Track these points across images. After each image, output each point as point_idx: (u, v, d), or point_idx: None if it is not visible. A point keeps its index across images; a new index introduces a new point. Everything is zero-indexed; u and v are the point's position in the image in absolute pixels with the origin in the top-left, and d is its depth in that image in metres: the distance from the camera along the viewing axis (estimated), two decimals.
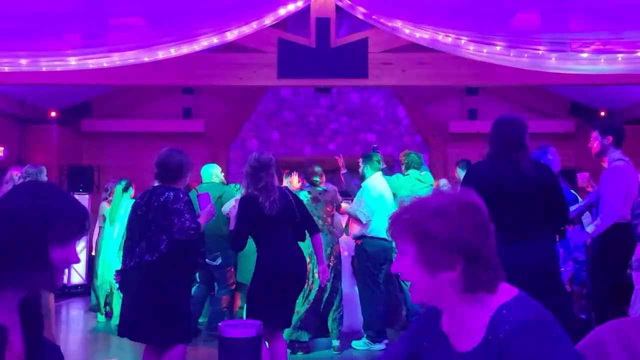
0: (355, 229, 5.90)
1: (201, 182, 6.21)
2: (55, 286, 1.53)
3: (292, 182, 6.07)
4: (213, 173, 6.22)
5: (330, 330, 5.63)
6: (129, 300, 3.76)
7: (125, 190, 6.87)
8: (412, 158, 6.23)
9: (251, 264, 5.53)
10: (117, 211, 6.74)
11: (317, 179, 5.78)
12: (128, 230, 3.99)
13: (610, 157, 4.43)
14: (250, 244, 4.20)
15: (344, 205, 5.99)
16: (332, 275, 5.57)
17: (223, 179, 6.42)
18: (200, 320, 6.42)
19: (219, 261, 5.99)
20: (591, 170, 5.90)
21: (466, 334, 1.44)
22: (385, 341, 5.78)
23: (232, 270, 6.11)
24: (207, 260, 5.95)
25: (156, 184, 3.98)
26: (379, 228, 5.67)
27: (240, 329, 4.21)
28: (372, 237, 5.73)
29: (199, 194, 4.25)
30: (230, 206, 5.23)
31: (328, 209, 5.73)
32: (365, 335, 5.76)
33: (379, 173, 5.98)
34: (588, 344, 1.61)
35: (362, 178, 6.03)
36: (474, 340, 1.42)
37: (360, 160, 6.09)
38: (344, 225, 6.07)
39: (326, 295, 5.57)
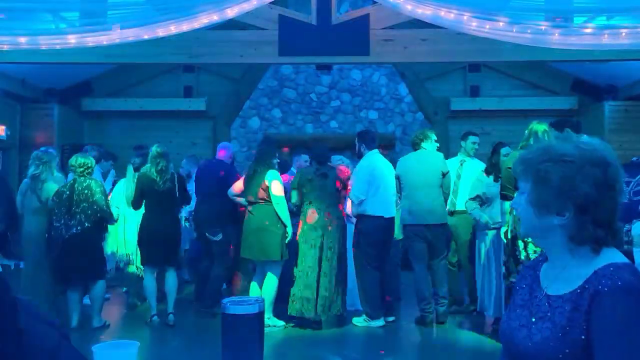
0: (351, 208, 5.90)
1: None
2: None
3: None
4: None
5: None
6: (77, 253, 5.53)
7: (137, 169, 6.35)
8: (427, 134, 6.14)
9: (259, 241, 5.55)
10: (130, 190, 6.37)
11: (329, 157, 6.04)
12: (55, 208, 5.63)
13: None
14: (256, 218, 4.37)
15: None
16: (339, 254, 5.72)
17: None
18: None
19: (219, 237, 6.03)
20: None
21: (562, 281, 1.43)
22: (391, 318, 5.84)
23: (232, 247, 6.16)
24: (207, 234, 5.99)
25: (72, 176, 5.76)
26: (376, 207, 5.69)
27: (244, 306, 4.25)
28: (367, 216, 5.74)
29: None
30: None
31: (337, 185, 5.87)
32: (364, 313, 5.82)
33: (376, 151, 5.95)
34: None
35: (359, 157, 6.00)
36: (567, 287, 1.40)
37: (356, 139, 6.06)
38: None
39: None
